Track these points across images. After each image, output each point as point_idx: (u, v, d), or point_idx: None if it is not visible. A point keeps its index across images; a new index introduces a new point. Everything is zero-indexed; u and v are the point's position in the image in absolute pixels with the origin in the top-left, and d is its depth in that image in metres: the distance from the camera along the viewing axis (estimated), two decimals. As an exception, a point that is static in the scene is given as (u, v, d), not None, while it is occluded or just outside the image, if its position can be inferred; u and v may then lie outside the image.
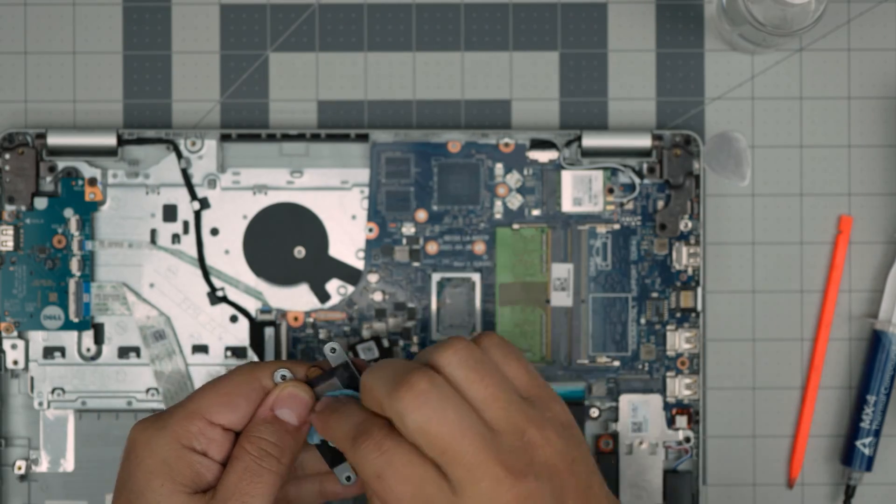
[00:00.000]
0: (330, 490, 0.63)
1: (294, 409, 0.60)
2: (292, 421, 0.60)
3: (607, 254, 0.73)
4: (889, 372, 0.73)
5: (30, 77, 0.74)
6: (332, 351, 0.62)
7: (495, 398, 0.56)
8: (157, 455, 0.58)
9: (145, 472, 0.58)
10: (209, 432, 0.59)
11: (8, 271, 0.72)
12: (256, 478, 0.58)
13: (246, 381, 0.60)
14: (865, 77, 0.74)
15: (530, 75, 0.74)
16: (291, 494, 0.63)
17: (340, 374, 0.62)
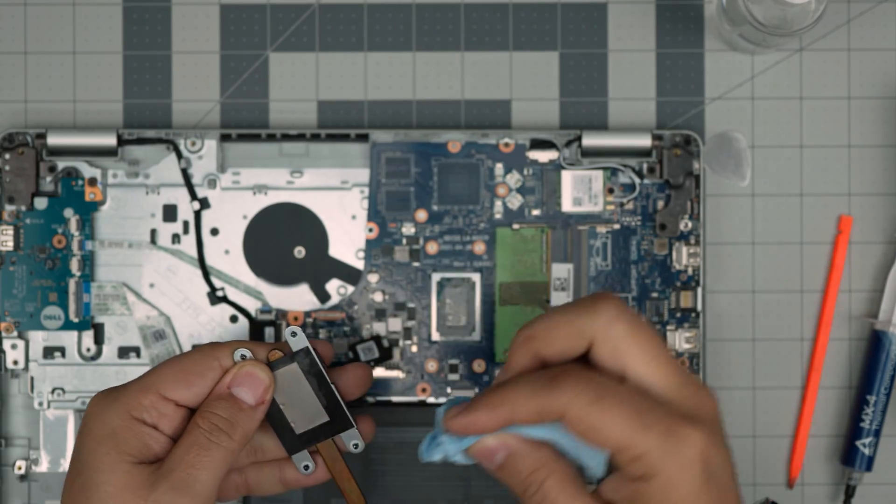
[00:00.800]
0: (290, 478, 0.63)
1: (251, 388, 0.60)
2: (248, 400, 0.60)
3: (607, 254, 0.73)
4: (889, 372, 0.73)
5: (30, 77, 0.74)
6: (293, 335, 0.62)
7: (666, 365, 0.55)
8: (107, 425, 0.59)
9: (93, 441, 0.58)
10: (161, 406, 0.59)
11: (8, 271, 0.72)
12: (204, 451, 0.58)
13: (204, 359, 0.61)
14: (865, 77, 0.74)
15: (530, 75, 0.74)
16: (252, 480, 0.63)
17: (301, 360, 0.62)
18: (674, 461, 0.52)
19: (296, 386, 0.63)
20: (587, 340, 0.55)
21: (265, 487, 0.64)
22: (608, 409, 0.53)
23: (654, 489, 0.53)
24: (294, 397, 0.63)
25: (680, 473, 0.52)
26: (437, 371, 0.73)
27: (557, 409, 0.53)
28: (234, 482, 0.64)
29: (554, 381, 0.54)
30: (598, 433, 0.53)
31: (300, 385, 0.63)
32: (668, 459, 0.52)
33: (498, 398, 0.55)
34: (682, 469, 0.52)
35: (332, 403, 0.63)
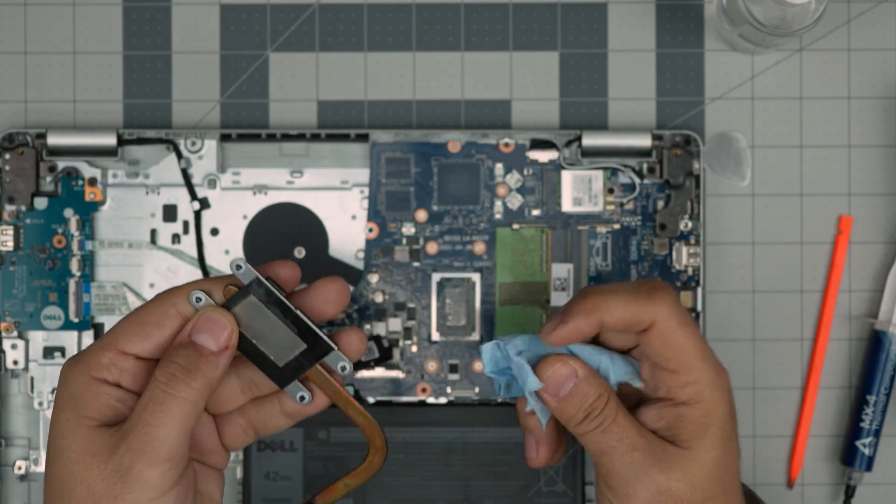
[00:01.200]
0: (291, 409, 0.60)
1: (212, 333, 0.57)
2: (210, 346, 0.57)
3: (607, 254, 0.73)
4: (889, 372, 0.73)
5: (30, 77, 0.74)
6: (238, 268, 0.58)
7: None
8: (68, 389, 0.56)
9: (58, 408, 0.57)
10: (121, 362, 0.57)
11: (8, 271, 0.72)
12: (160, 406, 0.55)
13: (160, 307, 0.57)
14: (865, 77, 0.74)
15: (530, 75, 0.74)
16: (256, 420, 0.61)
17: (256, 291, 0.58)
18: (716, 393, 0.60)
19: (260, 318, 0.58)
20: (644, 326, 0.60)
21: (271, 424, 0.61)
22: (689, 335, 0.60)
23: (698, 412, 0.60)
24: (264, 330, 0.58)
25: (718, 402, 0.60)
26: (437, 371, 0.73)
27: (649, 320, 0.60)
28: (240, 426, 0.61)
29: (650, 295, 0.60)
30: (675, 351, 0.60)
31: (264, 317, 0.58)
32: (712, 391, 0.60)
33: (594, 304, 0.60)
34: (721, 400, 0.60)
35: (304, 329, 0.58)
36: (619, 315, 0.60)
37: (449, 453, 0.72)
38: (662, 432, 0.60)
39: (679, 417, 0.60)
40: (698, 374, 0.60)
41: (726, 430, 0.60)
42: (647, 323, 0.60)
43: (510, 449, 0.72)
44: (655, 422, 0.61)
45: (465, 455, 0.72)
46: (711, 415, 0.60)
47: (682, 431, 0.60)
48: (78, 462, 0.55)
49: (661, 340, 0.60)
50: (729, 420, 0.61)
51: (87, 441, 0.56)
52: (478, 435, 0.72)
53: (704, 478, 0.60)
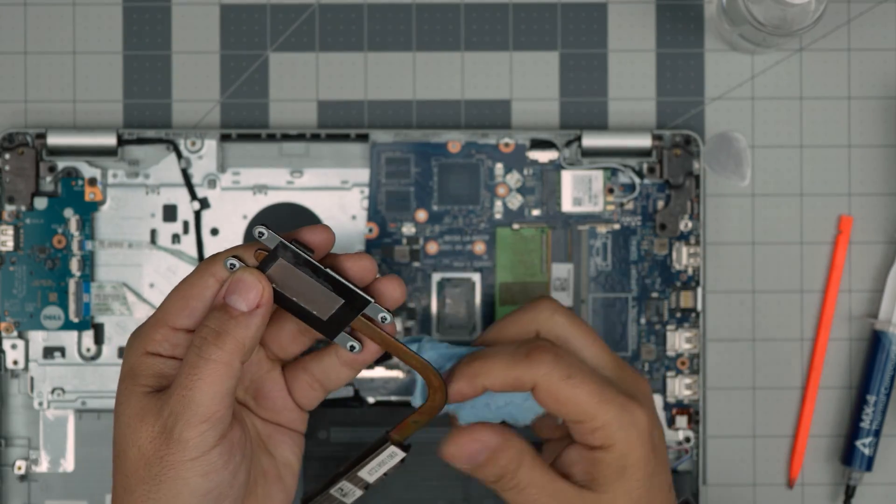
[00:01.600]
0: (347, 358, 0.61)
1: (241, 294, 0.58)
2: (240, 306, 0.57)
3: (607, 254, 0.73)
4: (889, 372, 0.73)
5: (30, 77, 0.74)
6: (261, 235, 0.59)
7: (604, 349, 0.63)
8: (128, 363, 0.59)
9: (119, 380, 0.59)
10: (173, 338, 0.58)
11: (8, 271, 0.72)
12: (193, 370, 0.56)
13: (200, 279, 0.58)
14: (865, 77, 0.74)
15: (530, 75, 0.74)
16: (318, 374, 0.62)
17: (283, 254, 0.59)
18: (629, 432, 0.60)
19: (295, 279, 0.59)
20: (533, 333, 0.62)
21: (334, 377, 0.62)
22: (577, 385, 0.60)
23: (612, 457, 0.60)
24: (301, 289, 0.59)
25: (633, 442, 0.60)
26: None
27: (531, 382, 0.60)
28: (306, 381, 0.62)
29: (529, 356, 0.60)
30: (565, 405, 0.60)
31: (297, 277, 0.59)
32: (624, 431, 0.60)
33: (476, 369, 0.61)
34: (635, 439, 0.60)
35: (339, 287, 0.59)
36: (500, 380, 0.60)
37: (449, 453, 0.72)
38: (581, 477, 0.61)
39: (594, 462, 0.60)
40: (602, 419, 0.60)
41: (647, 468, 0.60)
42: (529, 385, 0.60)
43: (510, 449, 0.72)
44: (574, 465, 0.61)
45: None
46: (627, 456, 0.60)
47: (599, 475, 0.60)
48: (130, 426, 0.57)
49: (551, 398, 0.60)
50: (649, 457, 0.60)
51: (138, 406, 0.57)
52: (478, 435, 0.72)
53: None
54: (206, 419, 0.56)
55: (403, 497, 0.72)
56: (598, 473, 0.60)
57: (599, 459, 0.60)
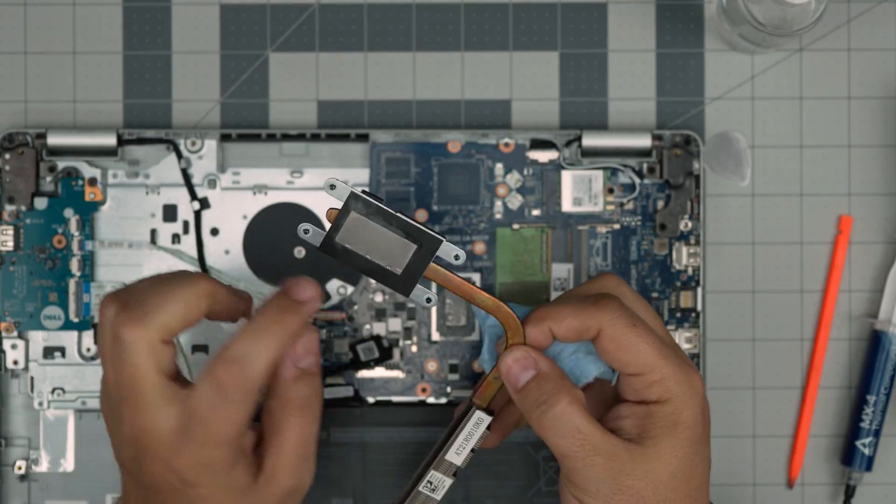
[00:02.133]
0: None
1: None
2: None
3: (607, 254, 0.73)
4: (889, 372, 0.73)
5: (30, 77, 0.74)
6: (332, 188, 0.60)
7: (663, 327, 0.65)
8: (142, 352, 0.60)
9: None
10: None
11: (8, 271, 0.72)
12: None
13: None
14: (865, 77, 0.74)
15: (530, 75, 0.74)
16: None
17: (355, 206, 0.61)
18: (685, 391, 0.60)
19: (368, 231, 0.61)
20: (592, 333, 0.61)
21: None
22: (641, 334, 0.61)
23: (667, 410, 0.60)
24: (374, 241, 0.61)
25: (688, 401, 0.60)
26: (437, 371, 0.73)
27: (596, 327, 0.61)
28: None
29: (597, 303, 0.61)
30: (628, 353, 0.61)
31: (370, 229, 0.61)
32: (681, 388, 0.60)
33: (544, 313, 0.62)
34: (690, 398, 0.61)
35: (411, 230, 0.61)
36: (566, 324, 0.61)
37: (449, 453, 0.72)
38: (630, 431, 0.61)
39: (648, 414, 0.60)
40: (661, 371, 0.60)
41: (696, 431, 0.61)
42: (594, 330, 0.61)
43: (510, 449, 0.72)
44: (625, 419, 0.61)
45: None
46: (680, 412, 0.60)
47: (650, 428, 0.60)
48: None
49: (614, 344, 0.61)
50: (700, 422, 0.61)
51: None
52: (478, 435, 0.72)
53: (668, 477, 0.60)
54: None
55: (403, 497, 0.72)
56: (649, 425, 0.60)
57: (653, 412, 0.60)
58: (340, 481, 0.72)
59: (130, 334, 0.58)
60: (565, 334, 0.61)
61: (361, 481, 0.72)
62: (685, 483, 0.60)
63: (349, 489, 0.72)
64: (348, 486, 0.72)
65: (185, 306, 0.59)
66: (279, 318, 0.59)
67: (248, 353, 0.58)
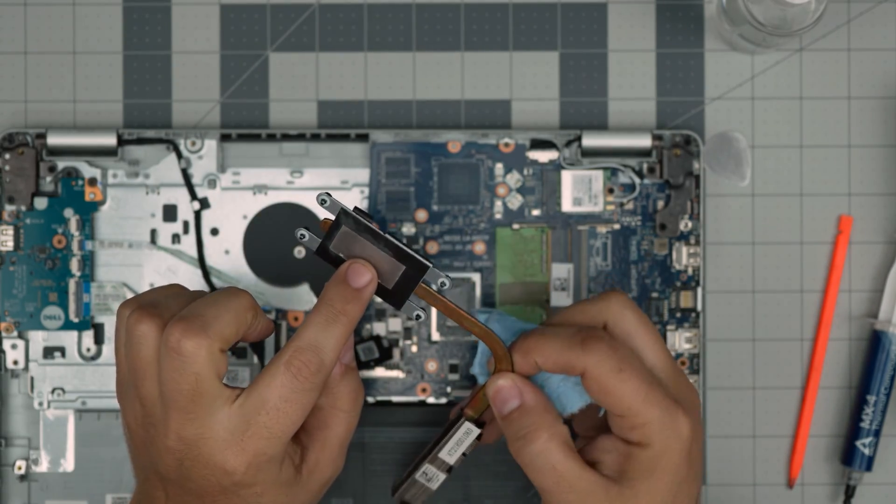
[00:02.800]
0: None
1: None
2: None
3: (607, 254, 0.73)
4: (889, 372, 0.73)
5: (30, 77, 0.74)
6: (323, 202, 0.61)
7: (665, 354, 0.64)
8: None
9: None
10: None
11: (8, 271, 0.72)
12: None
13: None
14: (865, 77, 0.74)
15: (530, 75, 0.74)
16: None
17: (346, 221, 0.61)
18: (668, 436, 0.60)
19: (358, 245, 0.62)
20: (600, 323, 0.63)
21: None
22: (626, 379, 0.60)
23: (647, 455, 0.60)
24: (365, 256, 0.62)
25: (671, 447, 0.60)
26: (437, 371, 0.73)
27: (581, 367, 0.61)
28: None
29: (584, 344, 0.61)
30: (611, 397, 0.60)
31: (361, 244, 0.62)
32: (664, 434, 0.60)
33: (531, 345, 0.62)
34: (673, 444, 0.60)
35: (399, 252, 0.61)
36: (552, 360, 0.61)
37: (449, 453, 0.72)
38: (610, 467, 0.61)
39: (627, 456, 0.61)
40: (643, 417, 0.60)
41: (678, 474, 0.61)
42: (579, 370, 0.61)
43: (510, 449, 0.72)
44: (606, 453, 0.62)
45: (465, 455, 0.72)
46: (661, 458, 0.60)
47: (629, 469, 0.61)
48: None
49: (597, 387, 0.61)
50: (682, 465, 0.61)
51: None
52: (478, 435, 0.72)
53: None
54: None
55: (403, 497, 0.72)
56: (628, 467, 0.61)
57: (633, 454, 0.61)
58: (340, 481, 0.72)
59: (192, 344, 0.59)
60: (551, 369, 0.62)
61: (361, 481, 0.72)
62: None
63: (349, 489, 0.72)
64: (348, 486, 0.72)
65: (237, 317, 0.61)
66: (344, 307, 0.61)
67: (322, 341, 0.60)
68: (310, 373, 0.60)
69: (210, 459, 0.59)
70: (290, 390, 0.59)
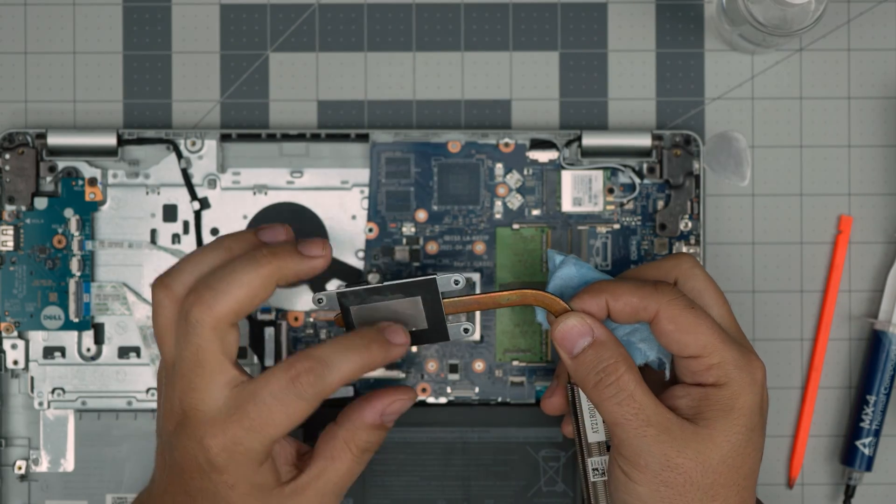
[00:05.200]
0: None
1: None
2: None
3: (607, 254, 0.73)
4: (889, 372, 0.73)
5: (30, 77, 0.74)
6: (319, 302, 0.63)
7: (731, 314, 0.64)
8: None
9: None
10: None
11: (8, 271, 0.72)
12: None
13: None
14: (865, 77, 0.74)
15: (530, 75, 0.74)
16: None
17: (349, 301, 0.63)
18: (744, 376, 0.60)
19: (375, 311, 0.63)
20: (673, 278, 0.63)
21: None
22: (700, 317, 0.60)
23: (724, 396, 0.60)
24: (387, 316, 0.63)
25: (746, 387, 0.60)
26: (437, 371, 0.73)
27: (654, 307, 0.60)
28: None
29: (657, 286, 0.61)
30: (688, 333, 0.60)
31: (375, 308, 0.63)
32: (740, 374, 0.60)
33: (603, 286, 0.62)
34: (749, 386, 0.60)
35: (405, 289, 0.62)
36: (624, 300, 0.61)
37: (449, 453, 0.72)
38: (685, 410, 0.61)
39: (704, 396, 0.60)
40: (720, 355, 0.60)
41: (752, 419, 0.60)
42: (652, 310, 0.60)
43: (510, 449, 0.72)
44: (680, 399, 0.61)
45: (465, 455, 0.72)
46: (738, 397, 0.60)
47: (705, 410, 0.60)
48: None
49: (673, 325, 0.60)
50: (756, 410, 0.60)
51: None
52: (478, 435, 0.72)
53: (718, 461, 0.60)
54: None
55: (403, 497, 0.72)
56: (704, 407, 0.60)
57: (709, 395, 0.60)
58: (340, 481, 0.72)
59: (197, 315, 0.60)
60: (622, 310, 0.61)
61: (361, 481, 0.72)
62: (734, 470, 0.60)
63: (349, 489, 0.72)
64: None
65: (250, 290, 0.61)
66: (370, 346, 0.61)
67: (333, 359, 0.60)
68: (307, 381, 0.59)
69: (194, 431, 0.60)
70: (282, 390, 0.59)
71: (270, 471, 0.61)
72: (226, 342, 0.60)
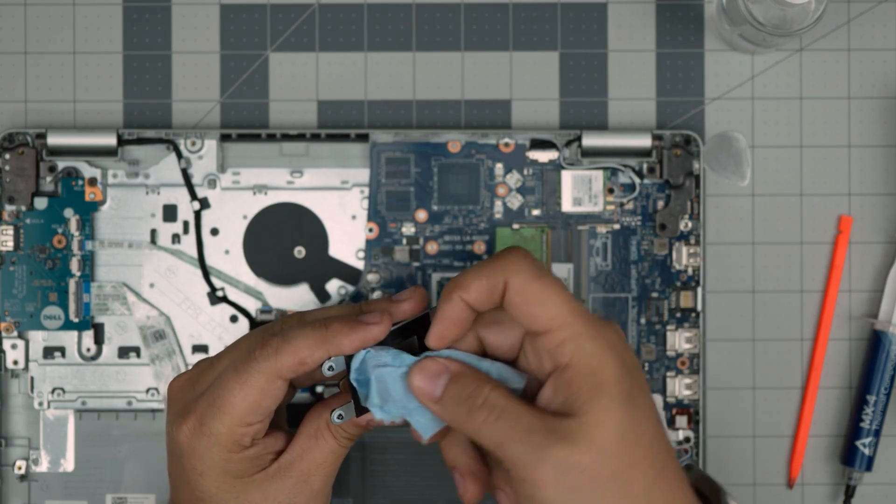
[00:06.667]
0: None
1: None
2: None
3: (607, 254, 0.73)
4: (889, 372, 0.73)
5: (30, 77, 0.74)
6: (331, 369, 0.60)
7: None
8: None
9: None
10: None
11: (8, 271, 0.72)
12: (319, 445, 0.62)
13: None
14: (865, 77, 0.74)
15: (530, 75, 0.74)
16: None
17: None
18: (599, 345, 0.56)
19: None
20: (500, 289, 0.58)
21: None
22: (549, 285, 0.57)
23: (585, 373, 0.56)
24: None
25: (606, 357, 0.56)
26: (437, 371, 0.73)
27: (502, 279, 0.57)
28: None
29: (499, 257, 0.58)
30: (535, 306, 0.56)
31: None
32: (595, 344, 0.56)
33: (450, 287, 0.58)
34: (608, 352, 0.56)
35: (400, 332, 0.61)
36: (474, 286, 0.58)
37: (449, 453, 0.72)
38: (559, 406, 0.56)
39: (568, 383, 0.56)
40: (571, 328, 0.56)
41: (624, 385, 0.55)
42: (501, 285, 0.57)
43: (510, 449, 0.72)
44: (550, 400, 0.56)
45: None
46: (601, 370, 0.56)
47: (576, 396, 0.55)
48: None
49: (520, 297, 0.57)
50: (626, 374, 0.56)
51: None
52: (478, 435, 0.72)
53: (613, 442, 0.55)
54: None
55: (403, 497, 0.72)
56: (573, 394, 0.55)
57: (573, 378, 0.56)
58: (340, 481, 0.72)
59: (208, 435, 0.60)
60: (477, 297, 0.58)
61: (361, 481, 0.72)
62: (635, 444, 0.55)
63: (349, 489, 0.72)
64: (348, 486, 0.72)
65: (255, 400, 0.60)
66: (330, 323, 0.60)
67: (290, 333, 0.60)
68: (261, 354, 0.59)
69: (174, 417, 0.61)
70: (239, 359, 0.60)
71: (247, 461, 0.60)
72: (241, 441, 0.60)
